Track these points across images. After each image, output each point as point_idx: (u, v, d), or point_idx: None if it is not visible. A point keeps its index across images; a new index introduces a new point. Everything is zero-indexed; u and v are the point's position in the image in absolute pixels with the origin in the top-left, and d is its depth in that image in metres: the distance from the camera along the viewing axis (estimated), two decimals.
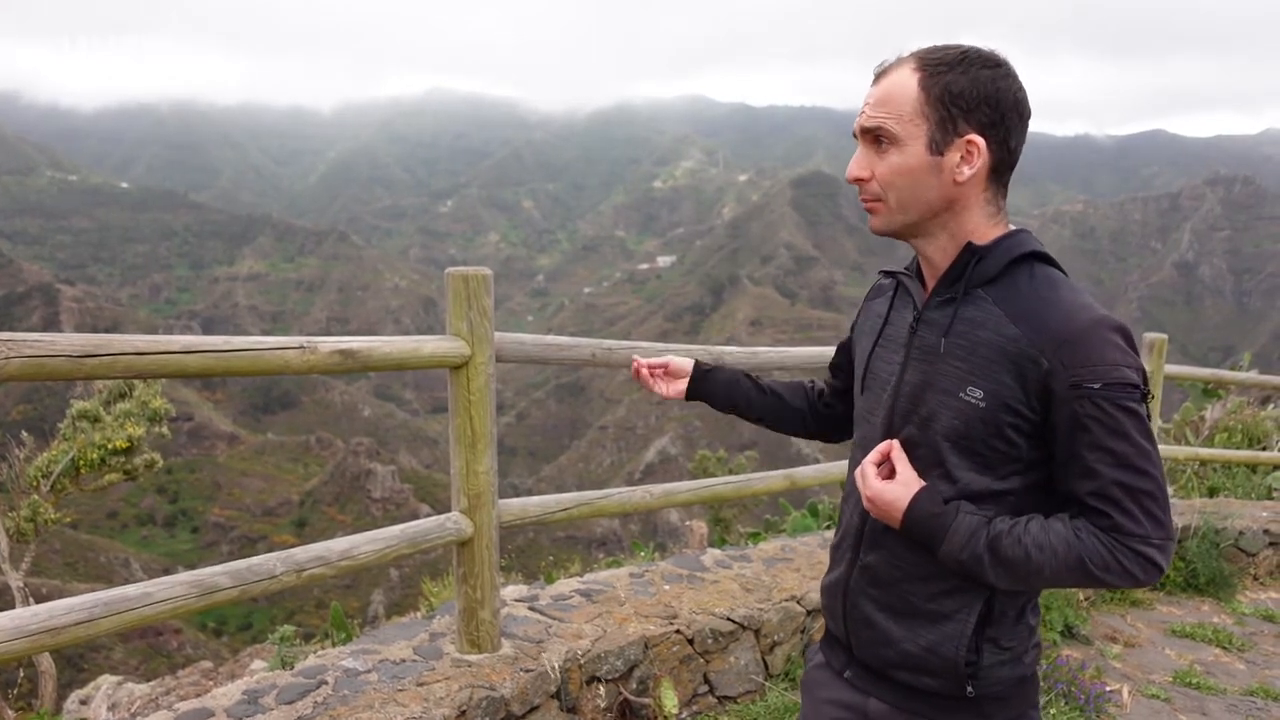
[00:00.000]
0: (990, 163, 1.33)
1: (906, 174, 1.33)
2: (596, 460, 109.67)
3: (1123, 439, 1.25)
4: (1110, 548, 1.26)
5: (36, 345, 1.72)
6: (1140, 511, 1.26)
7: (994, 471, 1.34)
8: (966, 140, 1.31)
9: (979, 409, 1.31)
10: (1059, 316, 1.28)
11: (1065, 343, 1.26)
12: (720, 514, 11.15)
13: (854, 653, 1.51)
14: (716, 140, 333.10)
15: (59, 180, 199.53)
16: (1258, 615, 4.90)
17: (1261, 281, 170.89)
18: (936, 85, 1.30)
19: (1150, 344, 5.42)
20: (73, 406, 6.15)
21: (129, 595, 1.89)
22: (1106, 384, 1.25)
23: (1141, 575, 1.27)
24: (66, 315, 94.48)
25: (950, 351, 1.35)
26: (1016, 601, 1.41)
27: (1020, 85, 1.33)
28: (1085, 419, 1.26)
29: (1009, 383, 1.29)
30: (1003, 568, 1.30)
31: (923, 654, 1.41)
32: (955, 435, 1.34)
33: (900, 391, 1.42)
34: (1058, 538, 1.28)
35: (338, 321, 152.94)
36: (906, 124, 1.32)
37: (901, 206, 1.36)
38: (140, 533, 69.58)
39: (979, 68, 1.31)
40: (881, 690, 1.47)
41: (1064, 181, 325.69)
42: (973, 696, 1.40)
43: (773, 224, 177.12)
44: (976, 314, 1.34)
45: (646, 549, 4.90)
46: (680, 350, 3.40)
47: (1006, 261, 1.35)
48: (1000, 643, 1.40)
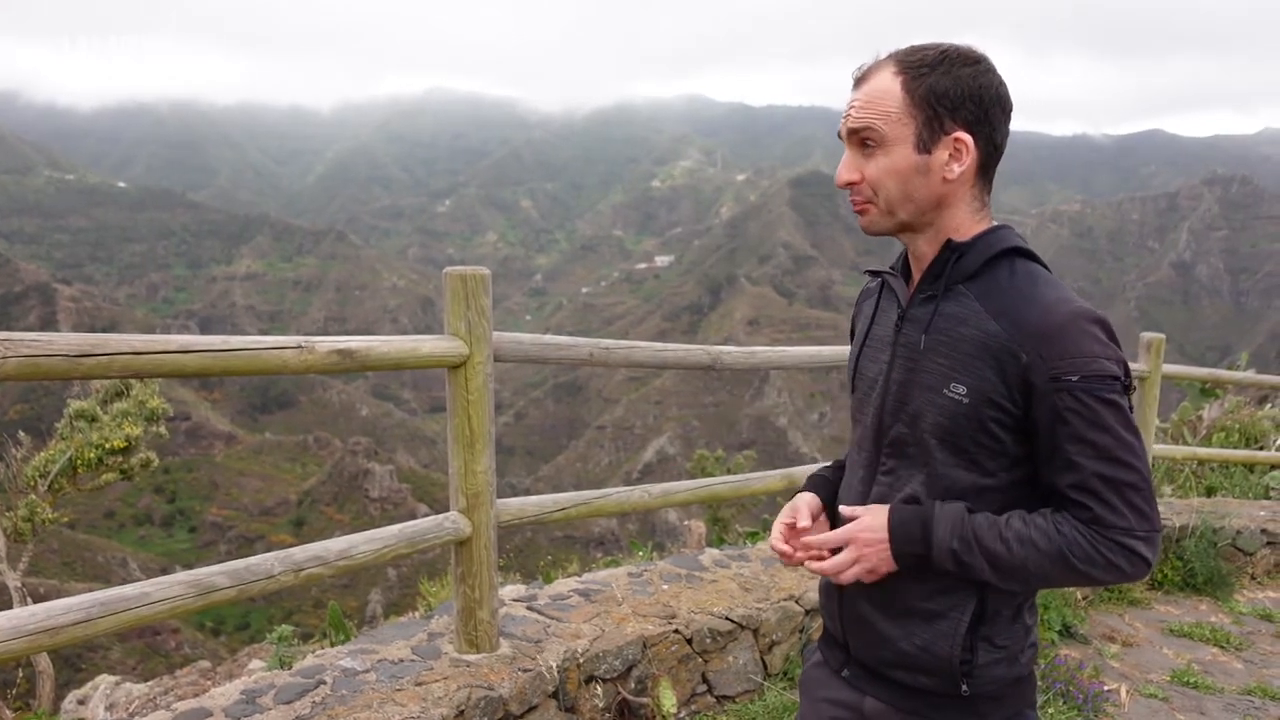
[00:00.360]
0: (979, 159, 1.35)
1: (895, 174, 1.34)
2: (594, 460, 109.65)
3: (1103, 431, 1.26)
4: (1091, 540, 1.26)
5: (33, 345, 1.72)
6: (1122, 503, 1.26)
7: (980, 467, 1.35)
8: (954, 138, 1.33)
9: (963, 405, 1.32)
10: (1037, 311, 1.29)
11: (1043, 336, 1.27)
12: (718, 513, 11.15)
13: (851, 652, 1.52)
14: (715, 140, 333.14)
15: (56, 179, 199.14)
16: (1255, 614, 4.91)
17: (1259, 281, 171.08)
18: (920, 85, 1.32)
19: (1148, 343, 5.43)
20: (70, 406, 6.14)
21: (127, 595, 1.89)
22: (1085, 376, 1.25)
23: (1127, 568, 1.27)
24: (64, 315, 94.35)
25: (932, 348, 1.36)
26: (1012, 601, 1.41)
27: (1001, 80, 1.35)
28: (1064, 411, 1.26)
29: (991, 378, 1.30)
30: (988, 561, 1.30)
31: (917, 652, 1.41)
32: (941, 432, 1.35)
33: (888, 390, 1.43)
34: (1038, 531, 1.29)
35: (335, 321, 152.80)
36: (894, 125, 1.33)
37: (891, 207, 1.37)
38: (138, 532, 69.50)
39: (960, 66, 1.32)
40: (878, 689, 1.48)
41: (1062, 181, 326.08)
42: (968, 695, 1.40)
43: (771, 224, 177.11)
44: (957, 310, 1.35)
45: (644, 548, 4.90)
46: (678, 350, 3.40)
47: (986, 257, 1.36)
48: (995, 641, 1.40)
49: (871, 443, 1.47)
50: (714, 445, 24.80)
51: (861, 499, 1.48)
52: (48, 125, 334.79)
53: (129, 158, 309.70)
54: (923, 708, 1.44)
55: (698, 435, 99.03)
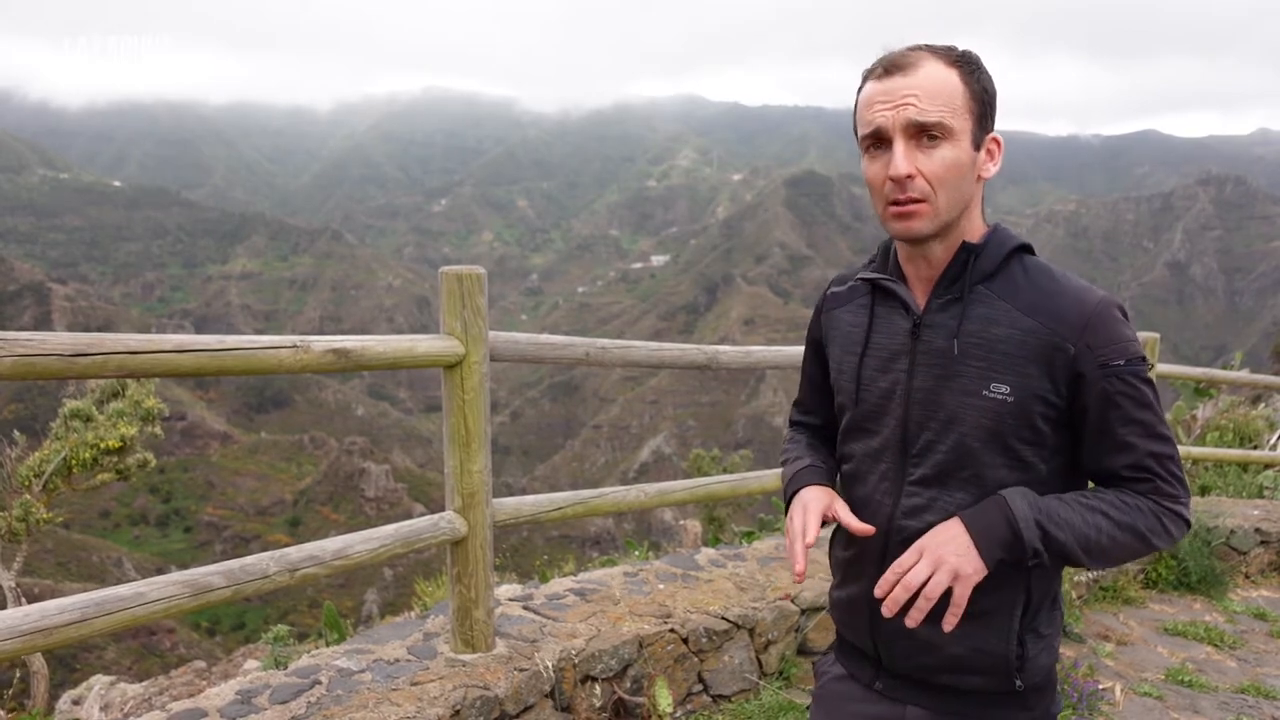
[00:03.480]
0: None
1: (958, 170, 1.29)
2: (590, 459, 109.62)
3: (1148, 409, 1.32)
4: (1156, 513, 1.32)
5: (28, 344, 1.71)
6: (1171, 476, 1.33)
7: (1024, 463, 1.35)
8: (992, 138, 1.34)
9: (1007, 404, 1.32)
10: (1070, 303, 1.32)
11: (1086, 327, 1.30)
12: (714, 513, 11.15)
13: (884, 664, 1.48)
14: (710, 139, 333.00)
15: (51, 178, 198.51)
16: (1249, 613, 4.92)
17: (1253, 281, 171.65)
18: (974, 81, 1.31)
19: (1142, 343, 5.45)
20: (65, 406, 6.12)
21: (122, 595, 1.89)
22: (1129, 360, 1.30)
23: (1177, 533, 1.34)
24: (58, 314, 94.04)
25: (965, 352, 1.35)
26: (1050, 588, 1.42)
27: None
28: (1116, 395, 1.30)
29: (1035, 373, 1.31)
30: (1071, 534, 1.29)
31: (970, 654, 1.39)
32: (984, 434, 1.34)
33: (912, 399, 1.39)
34: (1106, 503, 1.32)
35: (331, 320, 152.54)
36: (960, 118, 1.29)
37: (950, 205, 1.31)
38: (133, 532, 69.33)
39: (982, 68, 1.34)
40: (920, 697, 1.45)
41: (1057, 181, 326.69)
42: (1020, 689, 1.40)
43: (766, 223, 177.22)
44: (986, 311, 1.35)
45: (641, 548, 4.90)
46: (675, 350, 3.40)
47: (1002, 256, 1.36)
48: (1040, 631, 1.42)
49: (896, 453, 1.42)
50: (710, 444, 24.80)
51: (889, 511, 1.42)
52: (41, 124, 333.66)
53: (123, 156, 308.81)
54: (971, 708, 1.42)
55: (694, 434, 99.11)
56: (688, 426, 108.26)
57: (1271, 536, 5.57)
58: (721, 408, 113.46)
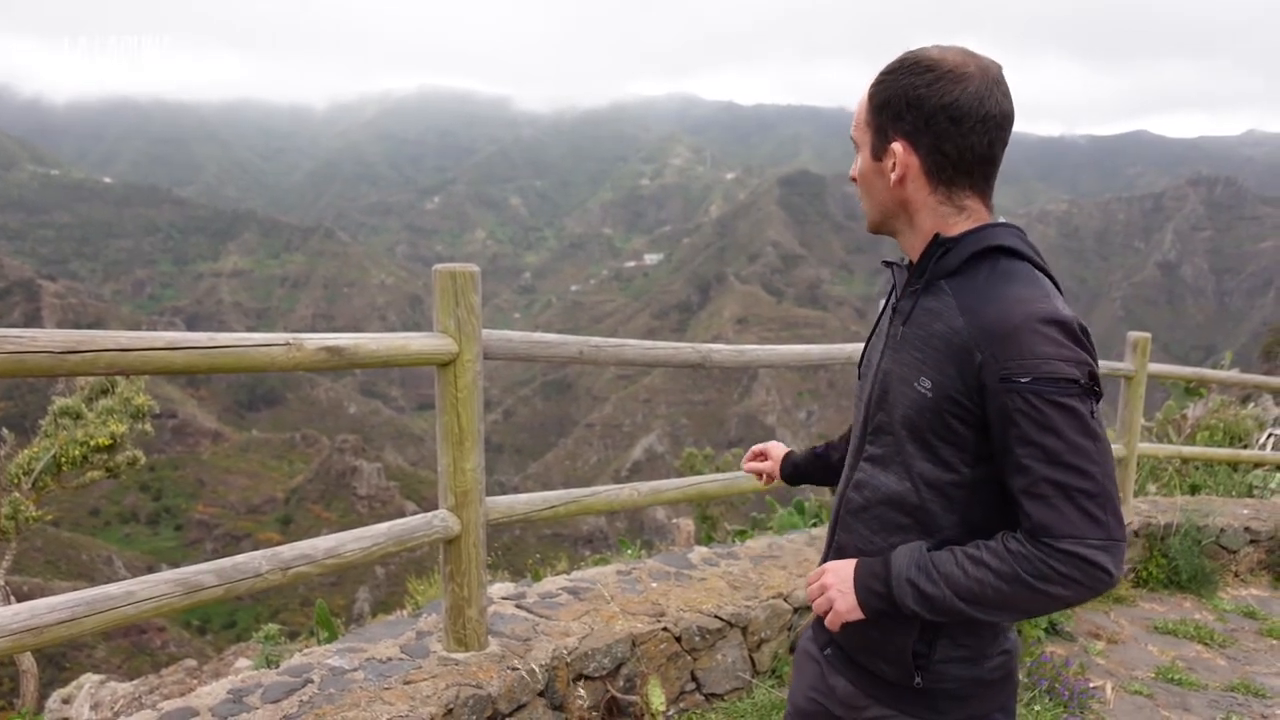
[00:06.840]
0: (923, 166, 1.36)
1: (863, 178, 1.45)
2: (583, 458, 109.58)
3: (1052, 434, 1.22)
4: (1041, 553, 1.23)
5: (18, 341, 1.70)
6: (1072, 509, 1.21)
7: (944, 462, 1.35)
8: (890, 148, 1.37)
9: (927, 398, 1.34)
10: (996, 310, 1.27)
11: (997, 336, 1.26)
12: (707, 511, 11.17)
13: (833, 634, 1.56)
14: (704, 139, 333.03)
15: (40, 175, 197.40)
16: (1239, 612, 4.95)
17: (1243, 281, 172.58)
18: (877, 95, 1.39)
19: (1134, 343, 5.46)
20: (54, 403, 6.08)
21: (112, 594, 1.88)
22: (1035, 378, 1.22)
23: (1083, 579, 1.21)
24: (49, 311, 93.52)
25: (908, 340, 1.39)
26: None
27: (952, 90, 1.30)
28: (1014, 413, 1.24)
29: (952, 374, 1.31)
30: (949, 587, 1.29)
31: (880, 639, 1.44)
32: (909, 424, 1.37)
33: (876, 379, 1.46)
34: (989, 552, 1.28)
35: (323, 318, 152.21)
36: (861, 131, 1.44)
37: (870, 208, 1.46)
38: (123, 530, 69.08)
39: (908, 76, 1.34)
40: (849, 672, 1.53)
41: (1049, 181, 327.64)
42: (920, 688, 1.42)
43: (760, 222, 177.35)
44: (935, 305, 1.37)
45: (634, 547, 4.90)
46: (668, 348, 3.41)
47: (970, 254, 1.35)
48: (957, 639, 1.40)
49: (860, 429, 1.51)
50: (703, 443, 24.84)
51: (845, 481, 1.54)
52: (31, 120, 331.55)
53: (114, 153, 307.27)
54: (883, 695, 1.47)
55: (686, 433, 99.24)
56: (680, 425, 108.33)
57: (1261, 535, 5.60)
58: (714, 406, 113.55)
